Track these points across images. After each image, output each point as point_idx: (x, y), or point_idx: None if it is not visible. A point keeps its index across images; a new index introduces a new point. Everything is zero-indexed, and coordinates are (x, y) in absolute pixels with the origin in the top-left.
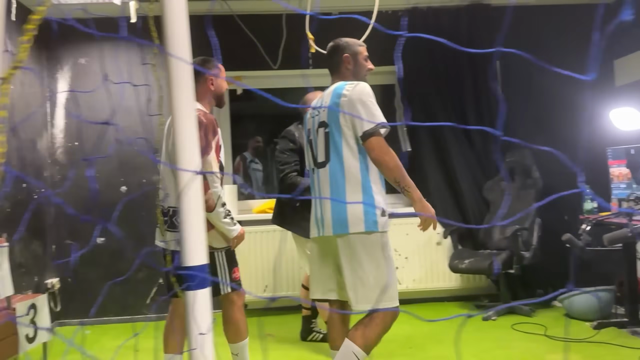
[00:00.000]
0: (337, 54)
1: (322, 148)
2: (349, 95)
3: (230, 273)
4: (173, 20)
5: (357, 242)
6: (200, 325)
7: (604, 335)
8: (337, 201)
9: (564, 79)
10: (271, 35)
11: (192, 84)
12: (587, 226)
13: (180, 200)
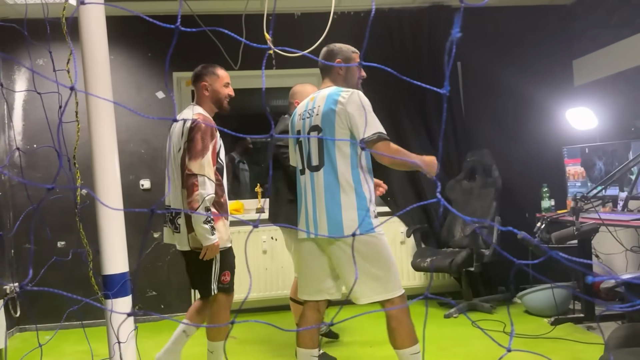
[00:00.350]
0: (330, 59)
1: (316, 152)
2: (345, 102)
3: (220, 275)
4: (90, 22)
5: (356, 241)
6: (120, 334)
7: (560, 331)
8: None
9: (525, 79)
10: (229, 36)
11: (110, 89)
12: (542, 224)
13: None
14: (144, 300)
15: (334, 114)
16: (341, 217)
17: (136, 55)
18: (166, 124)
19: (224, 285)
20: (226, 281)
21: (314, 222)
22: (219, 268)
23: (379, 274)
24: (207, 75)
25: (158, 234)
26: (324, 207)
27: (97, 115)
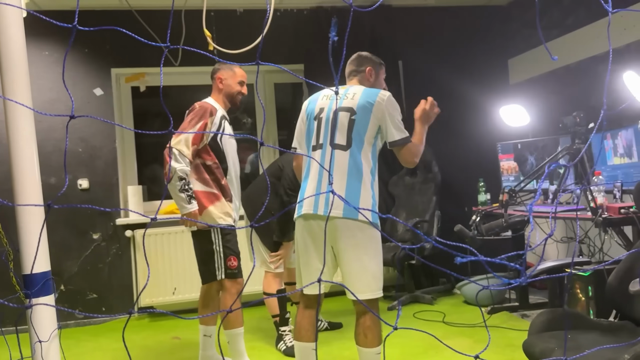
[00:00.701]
0: (362, 65)
1: (344, 131)
2: (385, 100)
3: (226, 260)
4: (6, 19)
5: (364, 230)
6: (42, 333)
7: (495, 319)
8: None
9: (464, 78)
10: (174, 30)
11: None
12: (477, 217)
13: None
14: (84, 303)
15: (372, 106)
16: (359, 200)
17: (73, 52)
18: (104, 122)
19: (232, 271)
20: (234, 266)
21: (326, 199)
22: (222, 252)
23: (376, 270)
24: (224, 70)
25: (97, 235)
26: (344, 186)
27: (15, 113)
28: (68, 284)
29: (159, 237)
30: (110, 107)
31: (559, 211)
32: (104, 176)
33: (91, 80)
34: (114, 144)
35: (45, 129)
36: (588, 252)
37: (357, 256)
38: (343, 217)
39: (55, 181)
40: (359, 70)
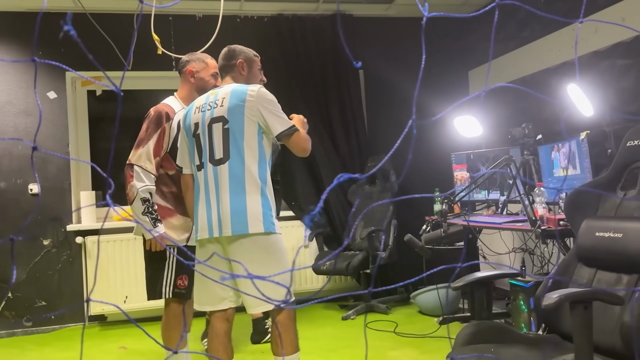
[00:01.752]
0: (233, 58)
1: (220, 144)
2: (255, 96)
3: (176, 278)
4: None
5: (257, 243)
6: None
7: (445, 331)
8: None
9: (425, 88)
10: (127, 35)
11: None
12: (427, 227)
13: None
14: (32, 310)
15: (242, 106)
16: (246, 213)
17: (26, 54)
18: (58, 126)
19: (180, 290)
20: (183, 286)
21: (218, 219)
22: (174, 269)
23: (285, 276)
24: (194, 62)
25: (48, 241)
26: (228, 202)
27: None
28: (16, 292)
29: (110, 244)
30: (64, 111)
31: (503, 222)
32: (56, 181)
33: (44, 84)
34: (66, 148)
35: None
36: (539, 262)
37: (255, 270)
38: (234, 235)
39: (5, 185)
40: (229, 64)
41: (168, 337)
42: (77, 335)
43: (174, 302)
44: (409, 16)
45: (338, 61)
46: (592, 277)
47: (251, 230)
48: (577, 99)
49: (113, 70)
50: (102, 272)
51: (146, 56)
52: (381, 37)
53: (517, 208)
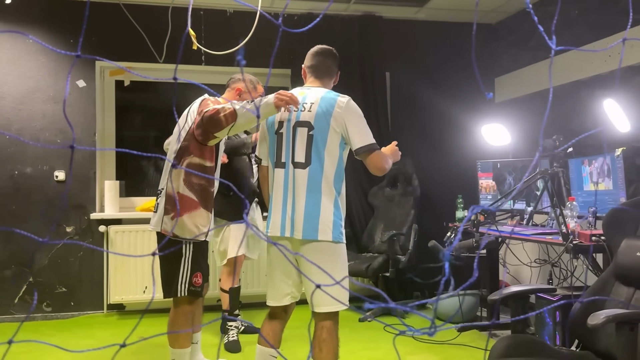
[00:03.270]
0: (335, 64)
1: (302, 148)
2: (343, 107)
3: (192, 276)
4: None
5: (324, 249)
6: None
7: (465, 338)
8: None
9: (450, 93)
10: (159, 27)
11: None
12: (452, 234)
13: None
14: (52, 296)
15: (330, 115)
16: (318, 220)
17: (57, 41)
18: (86, 115)
19: (195, 288)
20: (198, 283)
21: (291, 221)
22: (190, 266)
23: (345, 282)
24: (245, 82)
25: (71, 229)
26: (303, 206)
27: None
28: (37, 277)
29: (132, 234)
30: (93, 100)
31: (532, 234)
32: (81, 169)
33: (74, 72)
34: (93, 137)
35: (25, 117)
36: (560, 275)
37: (318, 273)
38: (304, 239)
39: (31, 171)
40: (329, 68)
41: (175, 335)
42: (95, 322)
43: (186, 300)
44: (438, 20)
45: (365, 62)
46: (630, 296)
47: (320, 237)
48: (614, 114)
49: (144, 61)
50: (122, 262)
51: (174, 49)
52: (409, 40)
53: (542, 219)
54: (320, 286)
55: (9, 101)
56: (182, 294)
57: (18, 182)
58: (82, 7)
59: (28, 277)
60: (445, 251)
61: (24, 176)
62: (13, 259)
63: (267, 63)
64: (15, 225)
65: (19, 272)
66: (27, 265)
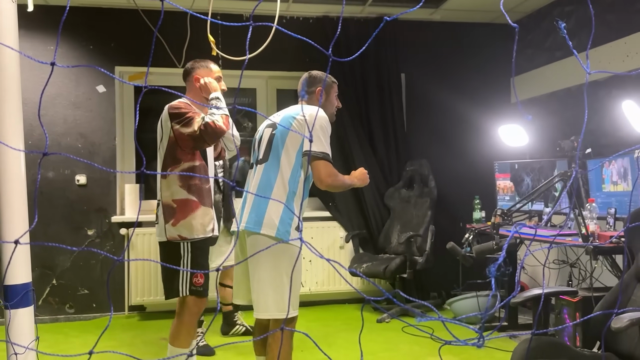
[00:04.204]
0: (312, 85)
1: (264, 146)
2: (308, 114)
3: (192, 276)
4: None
5: (264, 244)
6: (20, 346)
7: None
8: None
9: (466, 94)
10: (179, 32)
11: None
12: (470, 235)
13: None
14: (74, 298)
15: (293, 118)
16: (264, 213)
17: (77, 47)
18: (105, 119)
19: (197, 288)
20: (199, 283)
21: (241, 213)
22: (189, 265)
23: (276, 290)
24: (200, 69)
25: (92, 232)
26: (252, 199)
27: (5, 120)
28: (60, 279)
29: (152, 236)
30: (112, 105)
31: (550, 235)
32: (102, 173)
33: (94, 77)
34: (113, 141)
35: (46, 123)
36: (579, 276)
37: (257, 272)
38: (245, 230)
39: (53, 175)
40: (308, 91)
41: (177, 335)
42: (117, 324)
43: (191, 301)
44: (453, 21)
45: (380, 64)
46: None
47: (263, 230)
48: (632, 115)
49: (163, 66)
50: (142, 264)
51: (193, 54)
52: (424, 41)
53: (559, 220)
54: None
55: (31, 107)
56: (183, 293)
57: (41, 186)
58: (101, 13)
59: (51, 280)
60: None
61: (46, 180)
62: (37, 262)
63: (283, 66)
64: (38, 229)
65: (42, 275)
66: (51, 269)
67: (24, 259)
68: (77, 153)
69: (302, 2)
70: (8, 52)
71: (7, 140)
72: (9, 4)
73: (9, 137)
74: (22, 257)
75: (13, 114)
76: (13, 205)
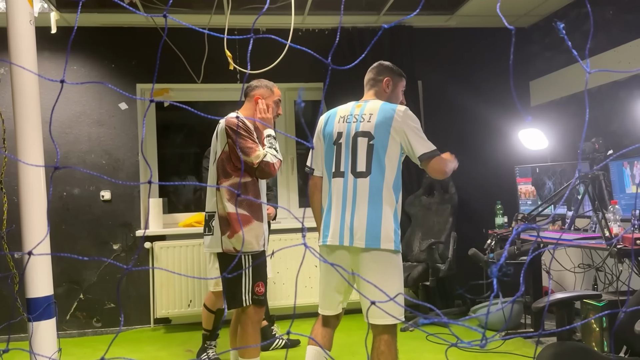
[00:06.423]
0: (380, 74)
1: (364, 157)
2: (402, 117)
3: (254, 286)
4: (17, 32)
5: (385, 258)
6: (44, 356)
7: (509, 346)
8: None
9: (484, 98)
10: (196, 49)
11: (37, 93)
12: (492, 241)
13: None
14: (101, 312)
15: (389, 125)
16: (380, 228)
17: (99, 66)
18: (129, 136)
19: (258, 297)
20: (260, 292)
21: (350, 230)
22: (251, 276)
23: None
24: (262, 89)
25: (117, 246)
26: (365, 215)
27: (25, 138)
28: (87, 293)
29: (176, 249)
30: (135, 121)
31: (573, 239)
32: (126, 188)
33: (117, 95)
34: (136, 156)
35: (72, 141)
36: (605, 279)
37: (379, 283)
38: (366, 248)
39: (79, 192)
40: (376, 79)
41: (245, 345)
42: (143, 337)
43: (252, 310)
44: (469, 26)
45: None
46: None
47: (383, 245)
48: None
49: (182, 82)
50: (167, 277)
51: (212, 69)
52: (440, 47)
53: (584, 223)
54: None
55: (57, 126)
56: (247, 303)
57: (67, 202)
58: (122, 33)
59: (78, 294)
60: (492, 269)
61: (72, 197)
62: (64, 277)
63: (300, 78)
64: (66, 245)
65: (70, 290)
66: (78, 283)
67: (46, 271)
68: (101, 169)
69: (317, 14)
70: (27, 72)
71: (27, 157)
72: (28, 26)
73: (29, 154)
74: (43, 270)
75: (32, 132)
76: (34, 220)
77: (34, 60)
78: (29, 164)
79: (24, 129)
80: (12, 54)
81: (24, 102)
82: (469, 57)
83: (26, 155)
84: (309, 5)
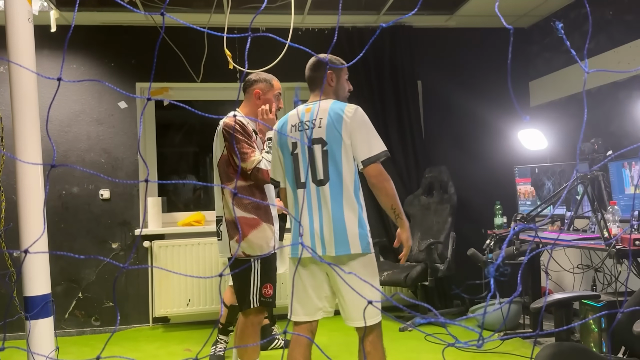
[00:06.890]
0: (320, 70)
1: (321, 165)
2: (351, 117)
3: (261, 288)
4: (16, 30)
5: (357, 262)
6: (41, 355)
7: (508, 346)
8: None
9: (484, 99)
10: (196, 48)
11: (35, 92)
12: (491, 241)
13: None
14: (100, 311)
15: (340, 128)
16: (346, 234)
17: (99, 65)
18: (128, 135)
19: (266, 299)
20: (268, 294)
21: (321, 240)
22: (259, 279)
23: (372, 297)
24: (261, 82)
25: (116, 245)
26: (330, 223)
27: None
28: (86, 292)
29: (175, 248)
30: (134, 120)
31: (572, 239)
32: (125, 186)
33: (116, 94)
34: (135, 155)
35: (71, 139)
36: (603, 280)
37: (356, 287)
38: (337, 255)
39: (78, 190)
40: (319, 76)
41: (243, 347)
42: (142, 335)
43: (255, 312)
44: (469, 27)
45: (396, 72)
46: None
47: (353, 250)
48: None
49: (182, 81)
50: (166, 276)
51: (211, 68)
52: (440, 47)
53: (583, 223)
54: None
55: (56, 124)
56: (254, 305)
57: (66, 201)
58: (122, 32)
59: (77, 293)
60: (489, 268)
61: (71, 195)
62: (63, 276)
63: (300, 78)
64: (65, 243)
65: (68, 289)
66: (77, 282)
67: (43, 270)
68: (100, 168)
69: (317, 13)
70: (25, 70)
71: (25, 155)
72: (26, 24)
73: (27, 152)
74: (40, 268)
75: (30, 130)
76: (32, 218)
77: (32, 58)
78: (27, 162)
79: (22, 128)
80: (10, 52)
81: (22, 100)
82: (468, 57)
83: (24, 153)
84: (308, 5)
